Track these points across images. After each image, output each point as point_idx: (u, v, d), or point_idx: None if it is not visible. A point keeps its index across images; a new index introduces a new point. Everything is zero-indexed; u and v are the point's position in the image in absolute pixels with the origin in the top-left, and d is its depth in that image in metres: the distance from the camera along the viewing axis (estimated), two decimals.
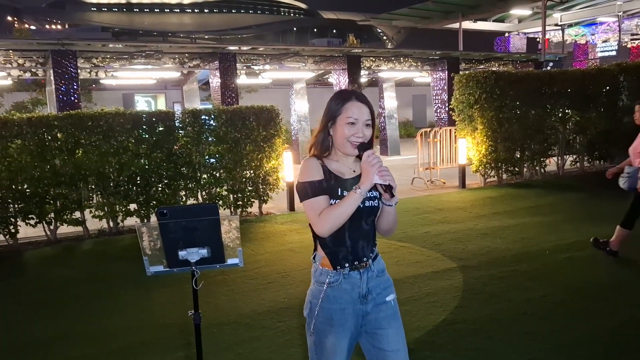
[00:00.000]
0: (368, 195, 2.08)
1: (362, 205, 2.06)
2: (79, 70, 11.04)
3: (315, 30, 68.20)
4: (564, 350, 3.64)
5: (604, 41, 22.82)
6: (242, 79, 14.45)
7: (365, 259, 2.16)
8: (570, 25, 22.68)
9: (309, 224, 2.14)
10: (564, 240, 6.32)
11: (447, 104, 13.93)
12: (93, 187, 7.48)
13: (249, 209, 8.59)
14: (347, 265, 2.13)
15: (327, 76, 17.12)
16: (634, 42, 24.24)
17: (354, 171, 2.16)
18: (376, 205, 2.13)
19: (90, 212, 7.55)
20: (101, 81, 16.33)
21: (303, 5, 74.40)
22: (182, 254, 2.42)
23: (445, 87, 15.07)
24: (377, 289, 2.19)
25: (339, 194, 2.08)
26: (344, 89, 2.28)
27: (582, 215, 7.71)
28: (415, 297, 4.70)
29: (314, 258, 2.23)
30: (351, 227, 2.09)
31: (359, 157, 2.09)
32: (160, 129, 7.80)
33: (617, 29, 20.82)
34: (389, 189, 1.99)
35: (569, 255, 5.78)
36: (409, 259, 5.87)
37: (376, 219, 2.19)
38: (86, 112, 7.74)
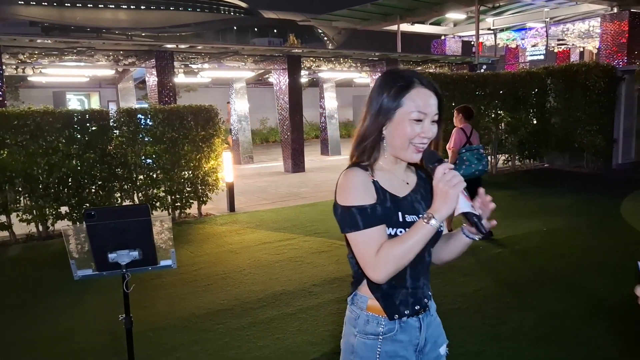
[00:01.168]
0: None
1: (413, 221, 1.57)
2: (4, 67, 10.46)
3: (255, 29, 67.75)
4: (496, 341, 3.78)
5: (533, 45, 23.91)
6: (180, 78, 14.16)
7: (426, 300, 1.67)
8: (502, 30, 23.61)
9: (350, 257, 1.65)
10: (496, 236, 6.55)
11: None
12: (20, 189, 7.09)
13: (187, 210, 8.41)
14: (406, 312, 1.61)
15: (267, 76, 17.03)
16: (560, 47, 25.55)
17: (407, 183, 1.65)
18: (442, 230, 1.58)
19: (17, 215, 7.17)
20: (29, 78, 15.53)
21: (244, 4, 73.76)
22: (111, 256, 2.34)
23: None
24: (435, 338, 1.71)
25: (399, 219, 1.55)
26: (398, 69, 1.68)
27: (513, 211, 8.03)
28: None
29: (352, 298, 1.69)
30: (414, 262, 1.52)
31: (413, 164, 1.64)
32: (94, 128, 7.50)
33: (544, 35, 21.87)
34: (478, 220, 1.47)
35: (501, 251, 6.01)
36: None
37: (437, 245, 1.69)
38: (12, 110, 7.33)
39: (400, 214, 1.55)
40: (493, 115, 11.57)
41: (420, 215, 1.52)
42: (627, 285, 4.89)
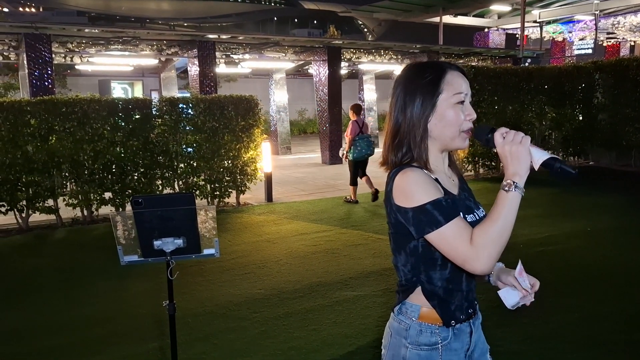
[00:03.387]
0: (483, 216, 1.55)
1: (474, 220, 1.50)
2: (53, 55, 10.79)
3: (295, 20, 67.74)
4: (535, 342, 3.70)
5: (581, 39, 23.18)
6: (221, 68, 14.31)
7: (476, 302, 1.62)
8: (548, 23, 22.97)
9: (402, 265, 1.56)
10: (537, 234, 6.42)
11: None
12: (67, 174, 7.33)
13: (226, 199, 8.53)
14: (462, 317, 1.55)
15: (307, 67, 17.05)
16: (610, 41, 24.68)
17: (453, 181, 1.60)
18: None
19: (64, 200, 7.41)
20: (76, 67, 15.98)
21: None
22: (157, 243, 2.39)
23: None
24: (479, 342, 1.65)
25: (468, 218, 1.49)
26: (421, 61, 1.60)
27: (555, 210, 7.83)
28: (392, 288, 4.73)
29: (399, 308, 1.59)
30: None
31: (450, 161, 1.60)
32: (137, 116, 7.68)
33: (593, 28, 21.16)
34: (561, 164, 1.41)
35: (542, 250, 5.88)
36: (386, 251, 5.89)
37: None
38: (60, 98, 7.58)
39: (461, 213, 1.46)
40: (537, 111, 11.29)
41: (475, 212, 1.52)
42: None
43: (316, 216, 7.69)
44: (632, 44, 25.32)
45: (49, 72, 10.45)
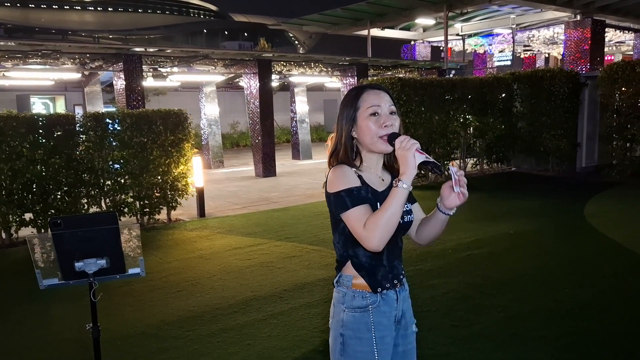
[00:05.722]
0: (405, 210, 1.86)
1: (402, 221, 1.81)
2: None
3: (226, 33, 67.29)
4: (463, 343, 3.84)
5: (500, 51, 24.39)
6: (149, 82, 13.96)
7: (401, 276, 1.94)
8: (470, 36, 24.02)
9: (336, 242, 1.90)
10: (465, 239, 6.67)
11: None
12: None
13: (156, 216, 8.30)
14: (387, 285, 1.88)
15: (238, 80, 16.97)
16: (527, 53, 26.14)
17: (383, 180, 1.92)
18: (412, 219, 1.93)
19: None
20: None
21: (214, 7, 73.19)
22: (78, 265, 2.30)
23: None
24: (408, 313, 1.97)
25: (377, 209, 1.79)
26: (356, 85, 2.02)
27: (481, 214, 8.17)
28: (325, 299, 4.76)
29: (337, 280, 1.92)
30: (388, 246, 1.80)
31: (387, 165, 1.92)
32: (59, 133, 7.35)
33: (511, 40, 22.34)
34: (433, 165, 1.72)
35: (469, 253, 6.11)
36: (319, 262, 5.93)
37: (418, 228, 1.97)
38: None
39: (379, 204, 1.78)
40: (462, 120, 11.76)
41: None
42: (591, 286, 5.04)
43: (250, 230, 7.63)
44: (547, 55, 26.94)
45: None
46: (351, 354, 1.83)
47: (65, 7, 61.10)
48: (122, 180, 7.88)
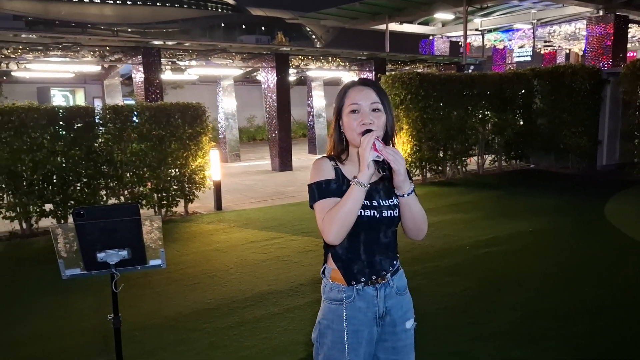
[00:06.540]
0: (387, 204, 1.84)
1: (379, 216, 1.82)
2: None
3: (243, 26, 67.44)
4: (482, 341, 3.81)
5: (520, 47, 24.12)
6: (167, 75, 14.03)
7: (384, 273, 1.88)
8: (489, 31, 23.77)
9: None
10: (483, 236, 6.61)
11: None
12: (4, 186, 7.00)
13: (174, 209, 8.36)
14: (363, 279, 1.85)
15: (255, 74, 16.98)
16: (547, 49, 25.80)
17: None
18: (397, 215, 1.86)
19: (1, 213, 7.07)
20: (13, 73, 15.32)
21: (231, 1, 73.32)
22: (100, 256, 2.32)
23: None
24: (398, 311, 1.93)
25: None
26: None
27: (499, 211, 8.10)
28: None
29: (323, 272, 1.95)
30: (367, 240, 1.84)
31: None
32: (79, 125, 7.43)
33: (531, 36, 22.05)
34: (381, 168, 1.73)
35: (487, 251, 6.06)
36: None
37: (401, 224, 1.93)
38: None
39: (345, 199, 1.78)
40: (480, 116, 11.65)
41: (375, 201, 1.82)
42: (611, 285, 4.96)
43: (266, 223, 7.65)
44: (568, 51, 26.57)
45: None
46: (325, 343, 1.88)
47: (84, 0, 61.69)
48: (141, 173, 7.94)
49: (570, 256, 5.88)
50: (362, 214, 1.78)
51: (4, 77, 19.47)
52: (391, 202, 1.85)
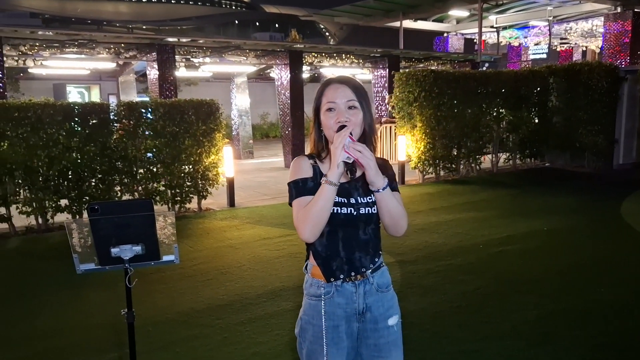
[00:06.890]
0: (365, 201, 1.84)
1: (356, 213, 1.82)
2: (4, 58, 10.43)
3: (257, 24, 67.47)
4: (494, 340, 3.78)
5: (536, 44, 23.85)
6: (181, 72, 14.10)
7: (363, 270, 1.88)
8: (504, 28, 23.54)
9: None
10: (497, 234, 6.56)
11: (387, 101, 14.14)
12: (20, 181, 7.08)
13: (187, 205, 8.40)
14: (341, 276, 1.86)
15: (268, 71, 16.99)
16: (563, 46, 25.50)
17: (347, 172, 1.88)
18: (375, 212, 1.85)
19: (17, 208, 7.16)
20: (29, 70, 15.49)
21: None
22: (114, 251, 2.33)
23: (386, 85, 15.29)
24: (379, 308, 1.92)
25: (335, 200, 1.80)
26: None
27: (513, 210, 8.03)
28: None
29: (305, 268, 1.98)
30: (346, 237, 1.85)
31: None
32: (94, 121, 7.49)
33: (547, 33, 21.80)
34: (349, 170, 1.74)
35: (501, 249, 6.01)
36: None
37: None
38: (12, 102, 7.32)
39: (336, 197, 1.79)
40: (494, 114, 11.55)
41: (352, 198, 1.83)
42: (627, 286, 4.90)
43: (279, 220, 7.66)
44: (584, 49, 26.23)
45: (0, 75, 10.10)
46: (307, 338, 1.89)
47: None
48: (155, 169, 7.99)
49: (585, 256, 5.82)
50: (339, 211, 1.81)
51: (21, 74, 19.70)
52: (369, 199, 1.84)
